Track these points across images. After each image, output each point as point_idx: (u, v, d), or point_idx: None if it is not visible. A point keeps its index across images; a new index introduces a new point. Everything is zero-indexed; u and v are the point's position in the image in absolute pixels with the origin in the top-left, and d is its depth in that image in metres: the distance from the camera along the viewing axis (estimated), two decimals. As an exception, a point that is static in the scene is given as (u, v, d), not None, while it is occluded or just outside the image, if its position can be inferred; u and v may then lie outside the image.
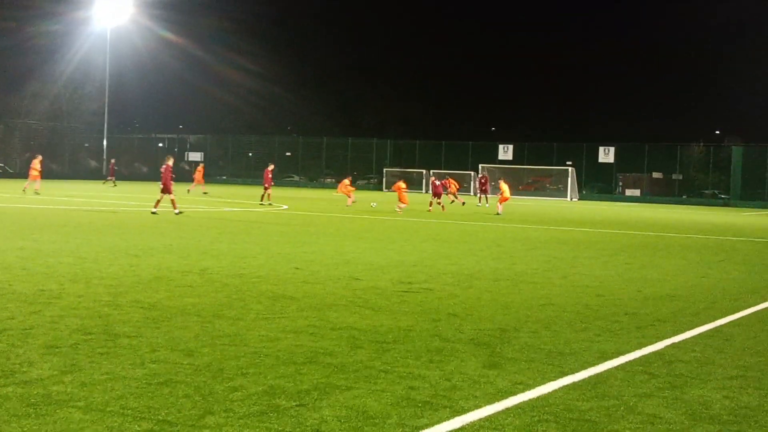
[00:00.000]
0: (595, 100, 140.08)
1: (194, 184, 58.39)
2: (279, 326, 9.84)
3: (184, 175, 79.73)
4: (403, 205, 39.71)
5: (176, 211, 30.21)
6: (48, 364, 7.60)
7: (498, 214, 40.16)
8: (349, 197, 43.71)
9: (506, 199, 42.17)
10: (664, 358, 8.97)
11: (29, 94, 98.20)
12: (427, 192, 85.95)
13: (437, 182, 44.98)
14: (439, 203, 43.40)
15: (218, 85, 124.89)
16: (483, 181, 55.72)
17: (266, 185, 44.18)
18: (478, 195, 57.05)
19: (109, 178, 68.48)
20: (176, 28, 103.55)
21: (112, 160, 72.65)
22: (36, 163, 47.79)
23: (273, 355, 8.33)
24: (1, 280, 12.58)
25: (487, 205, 51.84)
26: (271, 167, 45.23)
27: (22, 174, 49.35)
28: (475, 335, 9.77)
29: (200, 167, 61.58)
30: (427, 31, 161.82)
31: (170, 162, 31.47)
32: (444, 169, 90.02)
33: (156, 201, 30.92)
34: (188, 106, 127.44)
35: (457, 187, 54.60)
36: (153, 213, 30.09)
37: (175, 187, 31.50)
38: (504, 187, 42.40)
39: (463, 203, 52.43)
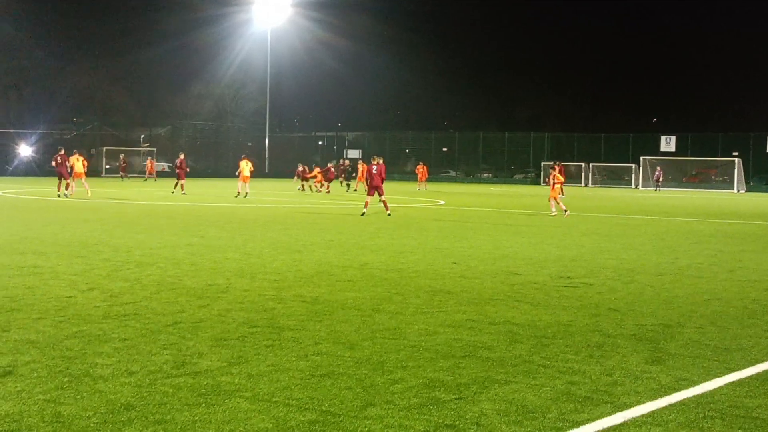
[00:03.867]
0: (762, 87, 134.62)
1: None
2: (437, 320, 9.93)
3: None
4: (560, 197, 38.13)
5: (388, 212, 29.15)
6: (216, 356, 7.91)
7: (553, 213, 31.14)
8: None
9: (555, 196, 32.10)
10: (838, 355, 8.60)
11: (194, 96, 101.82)
12: (586, 185, 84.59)
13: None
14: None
15: (375, 83, 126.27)
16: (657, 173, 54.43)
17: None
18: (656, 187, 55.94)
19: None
20: (333, 27, 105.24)
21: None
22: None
23: (432, 349, 8.41)
24: (173, 275, 13.14)
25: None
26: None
27: (193, 173, 51.30)
28: (637, 330, 9.60)
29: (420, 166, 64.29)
30: (584, 20, 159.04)
31: (380, 161, 29.73)
32: (603, 162, 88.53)
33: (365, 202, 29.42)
34: (346, 103, 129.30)
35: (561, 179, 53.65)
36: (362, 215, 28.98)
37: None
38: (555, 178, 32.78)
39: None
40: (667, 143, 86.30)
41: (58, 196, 38.65)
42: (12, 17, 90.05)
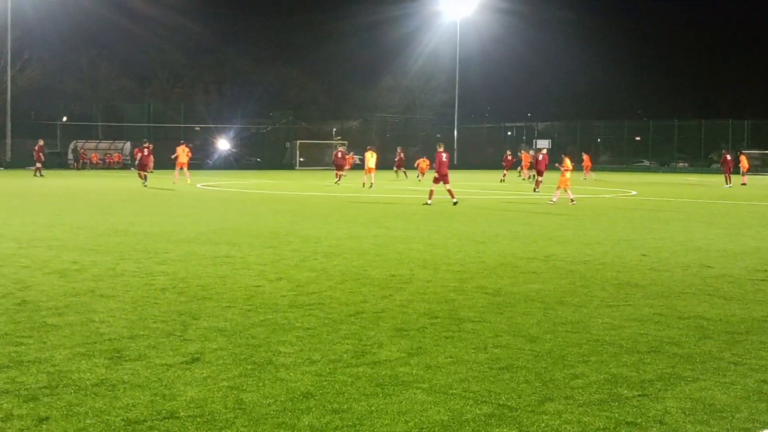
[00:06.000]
0: None
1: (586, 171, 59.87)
2: (623, 314, 9.64)
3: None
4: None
5: (454, 201, 29.23)
6: (396, 346, 7.95)
7: (551, 202, 30.16)
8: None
9: (565, 182, 30.52)
10: None
11: (384, 88, 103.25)
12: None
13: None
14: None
15: (565, 72, 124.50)
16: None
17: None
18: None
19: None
20: (522, 16, 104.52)
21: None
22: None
23: (616, 344, 8.17)
24: (357, 266, 13.33)
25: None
26: (544, 151, 41.94)
27: (384, 165, 51.63)
28: (840, 328, 9.02)
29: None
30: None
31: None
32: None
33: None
34: (535, 93, 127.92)
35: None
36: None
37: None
38: (565, 164, 30.91)
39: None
40: None
41: (144, 186, 40.59)
42: (209, 17, 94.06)
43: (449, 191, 29.18)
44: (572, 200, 29.70)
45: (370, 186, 42.23)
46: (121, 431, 5.64)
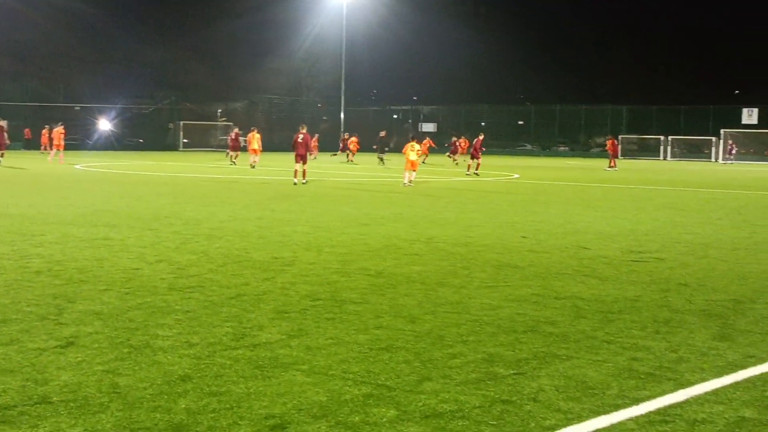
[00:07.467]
0: None
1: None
2: (502, 294, 9.81)
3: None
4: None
5: (304, 181, 30.46)
6: (277, 329, 7.91)
7: (408, 183, 30.35)
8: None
9: (413, 164, 31.06)
10: None
11: (270, 70, 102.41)
12: (665, 159, 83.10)
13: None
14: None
15: (450, 56, 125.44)
16: None
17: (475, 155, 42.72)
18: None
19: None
20: (407, 1, 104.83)
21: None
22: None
23: (494, 323, 8.30)
24: (240, 248, 13.21)
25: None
26: (481, 137, 43.51)
27: (269, 147, 50.91)
28: (707, 306, 9.36)
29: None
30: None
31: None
32: (683, 135, 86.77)
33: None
34: (421, 77, 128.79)
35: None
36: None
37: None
38: (410, 148, 31.66)
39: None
40: (749, 116, 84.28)
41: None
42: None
43: (302, 171, 30.47)
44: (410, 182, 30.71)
45: (252, 167, 43.06)
46: (-10, 418, 5.47)
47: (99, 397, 5.86)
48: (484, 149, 43.56)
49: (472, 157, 41.69)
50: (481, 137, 43.04)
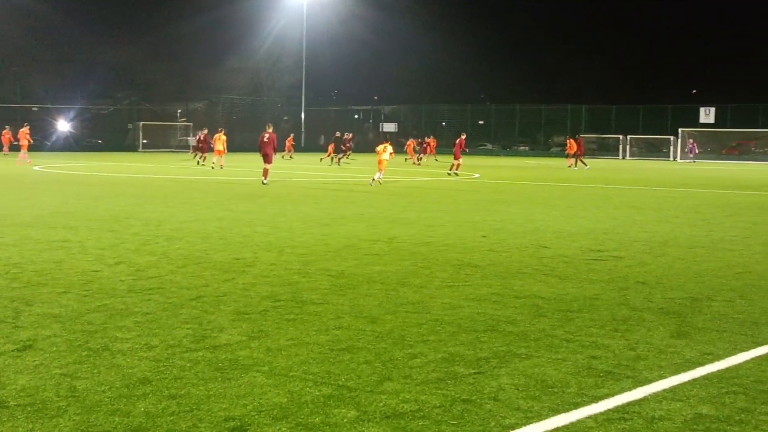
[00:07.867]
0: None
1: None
2: (462, 294, 9.84)
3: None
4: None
5: (264, 181, 30.81)
6: (237, 330, 7.88)
7: (376, 181, 31.16)
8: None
9: (381, 163, 31.78)
10: None
11: (230, 70, 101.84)
12: (624, 158, 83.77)
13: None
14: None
15: (411, 56, 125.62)
16: None
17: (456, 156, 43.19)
18: None
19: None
20: (367, 1, 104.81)
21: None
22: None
23: (454, 323, 8.33)
24: (200, 249, 13.14)
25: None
26: (463, 137, 44.07)
27: (230, 147, 50.27)
28: (665, 304, 9.46)
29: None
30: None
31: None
32: (641, 134, 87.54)
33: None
34: (382, 77, 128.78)
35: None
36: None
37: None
38: (382, 148, 32.27)
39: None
40: (707, 115, 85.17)
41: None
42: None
43: (264, 171, 30.90)
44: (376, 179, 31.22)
45: (220, 167, 43.12)
46: (-55, 423, 5.40)
47: (57, 401, 5.81)
48: (466, 150, 43.78)
49: (455, 157, 41.66)
50: (463, 137, 43.21)
